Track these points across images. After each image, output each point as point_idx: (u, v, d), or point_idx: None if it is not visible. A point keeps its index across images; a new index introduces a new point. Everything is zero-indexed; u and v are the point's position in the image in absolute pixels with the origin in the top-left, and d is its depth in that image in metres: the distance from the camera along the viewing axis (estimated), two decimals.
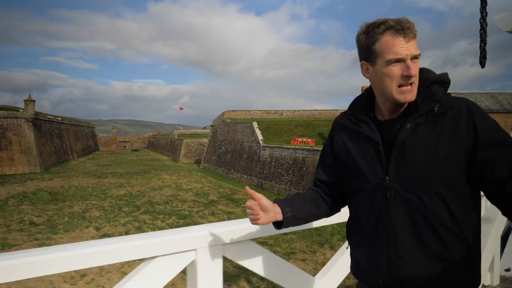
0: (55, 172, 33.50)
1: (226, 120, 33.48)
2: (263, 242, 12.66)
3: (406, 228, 1.17)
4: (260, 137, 26.34)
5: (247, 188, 1.38)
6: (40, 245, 12.39)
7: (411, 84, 1.15)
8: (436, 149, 1.13)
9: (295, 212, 1.36)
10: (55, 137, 40.68)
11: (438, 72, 1.28)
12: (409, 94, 1.16)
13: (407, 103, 1.18)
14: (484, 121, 1.13)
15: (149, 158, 53.21)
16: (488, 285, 3.13)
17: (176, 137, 52.57)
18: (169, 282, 1.56)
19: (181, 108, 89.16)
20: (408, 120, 1.17)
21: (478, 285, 1.24)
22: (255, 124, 27.62)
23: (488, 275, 3.14)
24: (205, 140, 45.18)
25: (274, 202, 1.37)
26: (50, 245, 12.55)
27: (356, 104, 1.33)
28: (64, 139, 44.66)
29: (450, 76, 1.25)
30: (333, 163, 1.40)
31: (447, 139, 1.13)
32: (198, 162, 43.46)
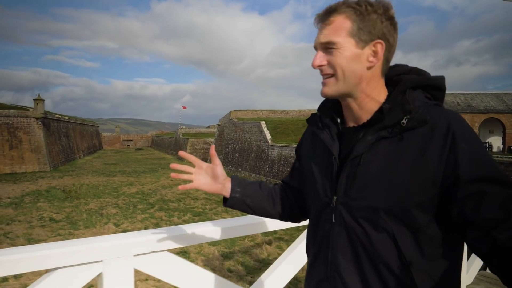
0: (64, 170, 33.97)
1: (233, 119, 33.90)
2: (278, 237, 13.11)
3: (348, 263, 0.97)
4: (268, 136, 26.76)
5: (212, 148, 1.25)
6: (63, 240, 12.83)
7: (327, 76, 0.97)
8: (393, 173, 0.90)
9: (244, 197, 1.21)
10: (62, 136, 41.15)
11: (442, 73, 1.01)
12: (323, 87, 0.99)
13: (379, 108, 0.96)
14: (471, 147, 0.85)
15: (154, 157, 53.65)
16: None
17: (181, 136, 52.99)
18: None
19: (184, 107, 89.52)
20: (370, 130, 0.95)
21: None
22: (263, 124, 28.05)
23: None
24: (211, 139, 45.60)
25: (231, 177, 1.25)
26: None
27: (325, 104, 1.11)
28: (70, 138, 45.15)
29: (453, 75, 1.40)
30: (299, 169, 1.23)
31: (410, 162, 0.88)
32: (204, 161, 43.88)
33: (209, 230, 1.73)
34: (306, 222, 1.51)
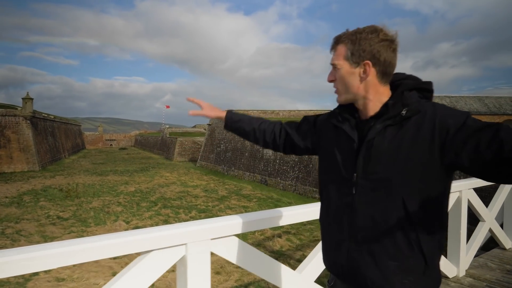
0: (54, 170, 33.53)
1: None
2: (286, 231, 13.82)
3: (367, 224, 1.22)
4: None
5: (189, 99, 1.76)
6: (78, 237, 13.09)
7: (336, 88, 1.32)
8: (398, 151, 1.16)
9: (235, 119, 1.68)
10: (49, 135, 40.54)
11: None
12: (337, 97, 1.33)
13: (384, 104, 1.25)
14: (454, 119, 1.10)
15: (141, 157, 53.32)
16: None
17: (167, 136, 52.93)
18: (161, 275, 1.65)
19: (168, 107, 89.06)
20: (378, 121, 1.23)
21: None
22: None
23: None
24: (199, 139, 45.90)
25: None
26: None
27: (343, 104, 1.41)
28: (56, 137, 44.49)
29: (431, 76, 1.83)
30: (305, 131, 1.55)
31: (410, 141, 1.15)
32: (192, 160, 44.12)
33: (271, 217, 1.97)
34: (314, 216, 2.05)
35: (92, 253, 1.42)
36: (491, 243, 4.63)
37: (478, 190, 3.64)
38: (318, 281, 2.16)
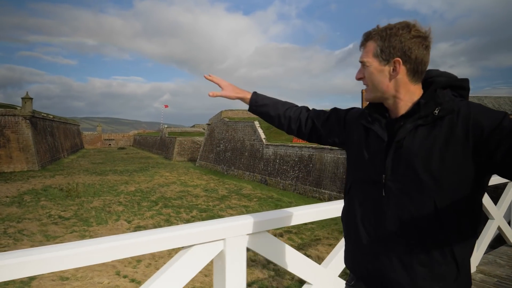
0: (53, 169, 33.48)
1: (225, 119, 34.42)
2: (287, 231, 13.86)
3: (395, 227, 1.16)
4: (262, 135, 27.47)
5: (206, 76, 1.63)
6: (80, 237, 13.13)
7: (366, 85, 1.26)
8: (430, 152, 1.10)
9: (260, 103, 1.61)
10: (48, 135, 40.48)
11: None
12: (365, 95, 1.29)
13: (416, 102, 1.18)
14: (489, 119, 1.04)
15: (140, 156, 53.30)
16: None
17: (166, 135, 52.93)
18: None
19: (166, 106, 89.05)
20: (409, 120, 1.17)
21: None
22: (257, 123, 28.70)
23: None
24: (198, 139, 45.93)
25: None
26: (90, 236, 13.31)
27: (373, 103, 1.34)
28: (55, 137, 44.43)
29: None
30: (333, 125, 1.49)
31: (443, 142, 1.09)
32: (191, 160, 44.14)
33: (303, 213, 2.04)
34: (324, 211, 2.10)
35: (141, 247, 1.45)
36: (494, 242, 4.73)
37: None
38: (341, 275, 2.22)
